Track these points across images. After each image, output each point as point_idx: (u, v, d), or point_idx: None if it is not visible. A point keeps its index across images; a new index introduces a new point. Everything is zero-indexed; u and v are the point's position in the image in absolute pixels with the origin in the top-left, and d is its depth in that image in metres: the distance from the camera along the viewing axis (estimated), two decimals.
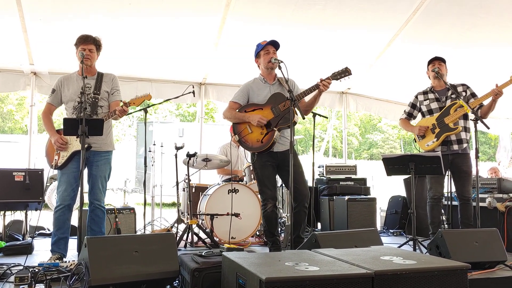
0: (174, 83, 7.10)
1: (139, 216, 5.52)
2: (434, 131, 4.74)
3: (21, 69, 6.37)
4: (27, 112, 21.23)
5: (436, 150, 4.69)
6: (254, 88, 4.39)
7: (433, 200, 4.78)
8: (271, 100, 4.27)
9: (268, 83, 4.38)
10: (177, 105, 24.60)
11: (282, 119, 4.15)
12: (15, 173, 5.19)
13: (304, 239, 4.15)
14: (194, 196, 5.70)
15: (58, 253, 4.02)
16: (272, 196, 4.25)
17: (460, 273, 2.58)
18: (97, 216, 4.20)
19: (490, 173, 8.41)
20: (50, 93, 4.23)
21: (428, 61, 4.93)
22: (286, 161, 4.09)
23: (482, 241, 3.81)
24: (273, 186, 4.31)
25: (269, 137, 4.18)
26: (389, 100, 8.17)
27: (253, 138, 4.25)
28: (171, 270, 3.10)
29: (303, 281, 2.28)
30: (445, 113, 4.72)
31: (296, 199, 4.17)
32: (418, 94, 5.00)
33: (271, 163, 4.27)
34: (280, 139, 4.25)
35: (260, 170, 4.28)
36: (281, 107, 4.19)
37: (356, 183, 6.83)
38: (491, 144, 31.25)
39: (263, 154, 4.25)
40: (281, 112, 4.18)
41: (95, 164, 4.17)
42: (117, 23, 5.58)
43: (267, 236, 4.39)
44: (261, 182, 4.29)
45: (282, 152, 4.27)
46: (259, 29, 5.84)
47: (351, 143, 32.50)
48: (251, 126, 4.26)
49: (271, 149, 4.22)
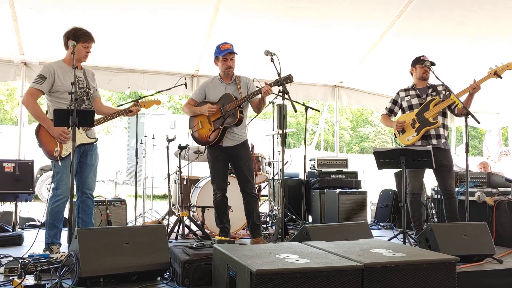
0: (166, 75, 7.06)
1: (130, 208, 5.51)
2: (414, 126, 4.79)
3: (11, 59, 6.29)
4: (17, 103, 21.05)
5: (416, 144, 4.74)
6: (210, 86, 4.71)
7: (412, 195, 4.83)
8: (221, 100, 4.59)
9: (225, 83, 4.68)
10: (169, 97, 24.48)
11: (228, 117, 4.51)
12: (5, 164, 5.14)
13: (259, 225, 4.72)
14: (185, 188, 5.69)
15: (59, 243, 4.03)
16: (221, 187, 4.63)
17: (449, 266, 2.61)
18: (88, 206, 4.19)
19: (479, 167, 8.49)
20: (39, 79, 4.02)
21: (416, 59, 4.93)
22: (235, 155, 4.59)
23: (471, 235, 3.85)
24: (223, 178, 4.68)
25: (215, 134, 4.54)
26: (381, 94, 8.18)
27: (202, 133, 4.63)
28: (162, 262, 3.11)
29: (294, 273, 2.29)
30: (424, 108, 4.77)
31: (244, 190, 4.62)
32: (400, 91, 5.06)
33: (222, 157, 4.63)
34: (229, 135, 4.58)
35: (211, 163, 4.67)
36: (228, 107, 4.52)
37: (347, 176, 6.85)
38: (481, 139, 31.48)
39: (214, 148, 4.62)
40: (227, 112, 4.52)
41: (89, 154, 4.19)
42: (109, 14, 5.53)
43: (217, 223, 4.70)
44: (212, 174, 4.68)
45: (232, 147, 4.60)
46: (251, 21, 5.83)
47: (343, 137, 32.59)
48: (202, 122, 4.61)
49: (218, 144, 4.56)
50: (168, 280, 3.16)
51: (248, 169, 4.62)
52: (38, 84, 4.02)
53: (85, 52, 4.11)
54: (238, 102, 4.50)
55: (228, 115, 4.52)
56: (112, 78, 6.83)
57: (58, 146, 3.99)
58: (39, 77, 4.04)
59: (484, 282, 3.55)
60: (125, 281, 3.00)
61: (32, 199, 5.50)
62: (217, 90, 4.65)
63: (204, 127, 4.59)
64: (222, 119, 4.53)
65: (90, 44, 4.13)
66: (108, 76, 6.78)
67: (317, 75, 7.67)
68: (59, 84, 4.04)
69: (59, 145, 3.99)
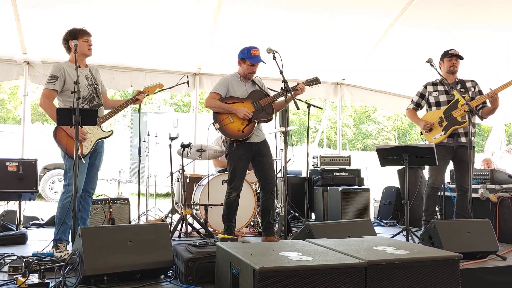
0: (168, 73, 7.06)
1: (133, 206, 5.52)
2: (442, 124, 4.76)
3: (14, 58, 6.30)
4: (20, 102, 21.07)
5: (443, 142, 4.72)
6: (233, 83, 4.71)
7: (431, 189, 4.80)
8: (251, 95, 4.65)
9: (243, 81, 4.73)
10: (171, 95, 24.50)
11: (263, 112, 4.59)
12: (9, 163, 5.16)
13: (274, 224, 4.78)
14: (188, 187, 5.70)
15: (66, 241, 4.05)
16: (239, 187, 4.64)
17: (452, 263, 2.61)
18: (88, 204, 4.32)
19: (483, 164, 8.47)
20: (52, 79, 4.05)
21: (444, 53, 4.89)
22: (259, 152, 4.64)
23: (474, 232, 3.84)
24: (242, 178, 4.68)
25: (250, 128, 4.56)
26: (384, 91, 8.16)
27: (234, 127, 4.57)
28: (165, 260, 3.11)
29: (297, 271, 2.29)
30: (453, 106, 4.73)
31: (265, 188, 4.67)
32: (428, 84, 4.99)
33: (246, 156, 4.63)
34: (256, 131, 4.62)
35: (235, 162, 4.62)
36: (262, 103, 4.60)
37: (350, 173, 6.84)
38: (484, 135, 31.36)
39: (240, 146, 4.59)
40: (261, 107, 4.60)
41: (99, 155, 4.28)
42: (112, 12, 5.52)
43: (225, 220, 4.67)
44: (233, 172, 4.63)
45: (257, 143, 4.65)
46: (254, 18, 5.80)
47: (345, 134, 32.55)
48: (233, 116, 4.57)
49: (248, 139, 4.57)
50: (171, 278, 3.16)
51: (270, 168, 4.70)
52: (51, 85, 4.06)
53: (87, 45, 4.20)
54: (273, 97, 4.58)
55: (262, 110, 4.59)
56: (115, 76, 6.84)
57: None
58: (51, 77, 4.08)
59: (488, 279, 3.54)
60: (128, 279, 3.01)
61: (36, 198, 5.52)
62: (239, 87, 4.69)
63: (236, 121, 4.57)
64: (256, 113, 4.57)
65: (88, 38, 4.22)
66: (111, 74, 6.78)
67: (320, 73, 7.57)
68: (70, 83, 4.05)
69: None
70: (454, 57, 4.82)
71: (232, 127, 4.57)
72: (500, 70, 5.54)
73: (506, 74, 4.66)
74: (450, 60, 4.81)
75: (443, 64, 4.90)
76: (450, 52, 4.82)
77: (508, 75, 4.59)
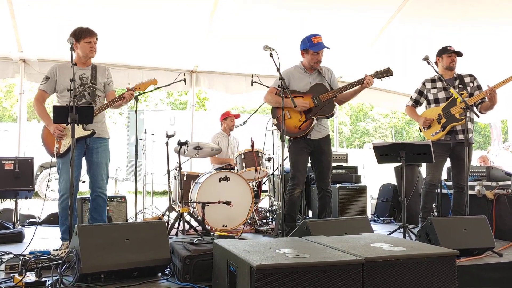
0: (165, 71, 7.04)
1: (130, 204, 5.51)
2: (440, 121, 4.76)
3: (10, 56, 6.27)
4: (16, 100, 20.99)
5: (441, 139, 4.73)
6: (295, 75, 4.53)
7: (429, 186, 4.81)
8: (312, 89, 4.44)
9: (308, 73, 4.54)
10: (168, 93, 24.43)
11: (323, 108, 4.36)
12: (5, 161, 5.15)
13: None
14: (185, 184, 5.69)
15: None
16: (302, 182, 4.43)
17: (449, 260, 2.61)
18: (99, 204, 4.18)
19: (479, 161, 8.50)
20: (43, 80, 4.13)
21: (442, 49, 4.87)
22: (319, 149, 4.46)
23: (470, 228, 3.85)
24: (305, 172, 4.50)
25: (307, 124, 4.39)
26: (381, 88, 8.15)
27: (291, 124, 4.42)
28: (162, 258, 3.11)
29: (294, 268, 2.29)
30: (451, 103, 4.74)
31: (320, 186, 4.50)
32: (426, 81, 4.99)
33: (306, 149, 4.47)
34: (317, 127, 4.45)
35: (295, 155, 4.45)
36: (322, 98, 4.38)
37: (347, 171, 6.85)
38: (480, 132, 31.48)
39: (299, 140, 4.43)
40: (321, 102, 4.38)
41: (95, 151, 4.16)
42: (108, 10, 5.50)
43: (288, 221, 4.42)
44: (295, 167, 4.45)
45: (317, 139, 4.49)
46: (251, 14, 5.78)
47: (342, 132, 32.58)
48: (290, 112, 4.40)
49: (307, 136, 4.41)
50: (168, 276, 3.16)
51: (328, 166, 4.53)
52: (41, 85, 4.14)
53: (90, 47, 4.12)
54: (335, 92, 4.38)
55: (323, 105, 4.38)
56: (112, 74, 6.80)
57: (57, 142, 4.00)
58: (43, 78, 4.15)
59: (484, 275, 3.56)
60: (125, 277, 3.01)
61: (32, 196, 5.50)
62: (302, 80, 4.51)
63: (293, 118, 4.41)
64: (315, 109, 4.38)
65: (92, 39, 4.13)
66: None
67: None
68: (60, 83, 4.11)
69: (57, 141, 4.00)
70: (453, 54, 4.82)
71: (289, 123, 4.41)
72: (497, 66, 5.54)
73: (503, 70, 4.66)
74: (449, 57, 4.81)
75: (441, 61, 4.88)
76: (450, 49, 4.82)
77: (505, 71, 4.58)
